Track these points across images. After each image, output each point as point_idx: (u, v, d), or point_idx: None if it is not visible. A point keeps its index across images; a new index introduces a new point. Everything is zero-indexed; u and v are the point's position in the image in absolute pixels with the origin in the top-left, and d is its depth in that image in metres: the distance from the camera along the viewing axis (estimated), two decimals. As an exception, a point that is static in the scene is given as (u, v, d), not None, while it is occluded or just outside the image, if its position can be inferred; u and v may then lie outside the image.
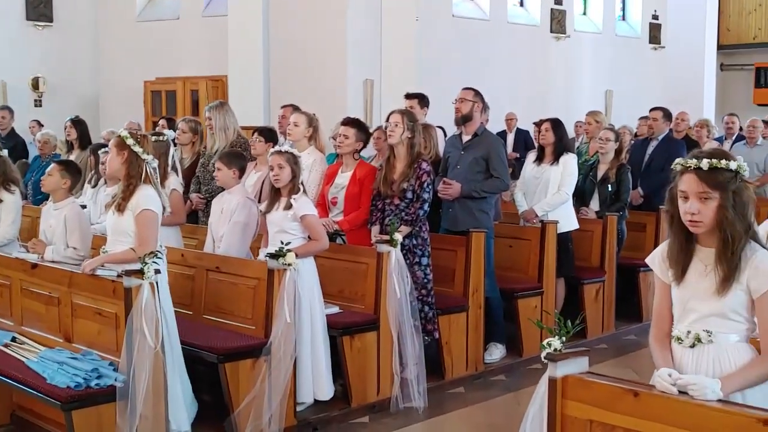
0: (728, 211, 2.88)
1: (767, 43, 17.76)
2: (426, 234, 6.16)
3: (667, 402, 2.81)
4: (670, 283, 3.07)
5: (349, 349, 5.62)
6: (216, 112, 7.31)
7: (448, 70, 11.99)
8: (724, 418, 2.70)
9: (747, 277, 2.90)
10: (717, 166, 2.90)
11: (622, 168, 7.78)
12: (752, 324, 2.99)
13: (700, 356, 2.97)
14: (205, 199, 7.09)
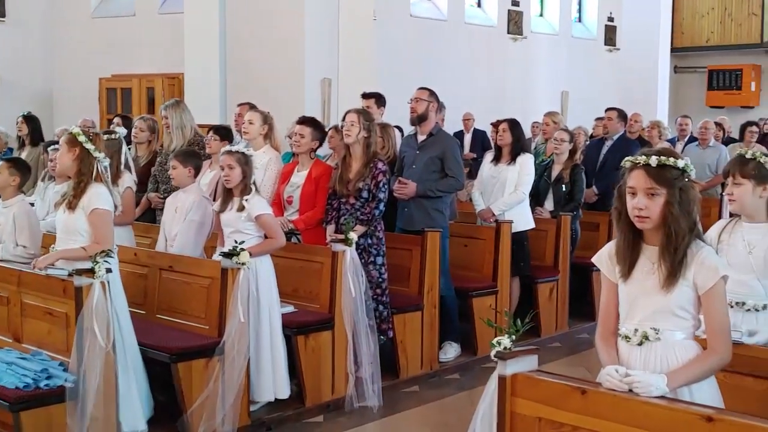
0: (674, 208, 2.93)
1: (720, 46, 18.04)
2: (381, 233, 6.17)
3: (614, 399, 2.86)
4: (617, 281, 3.11)
5: (303, 349, 5.62)
6: (172, 111, 7.25)
7: (405, 70, 12.01)
8: (668, 414, 2.75)
9: (693, 273, 2.94)
10: (665, 163, 2.95)
11: (575, 168, 7.87)
12: (698, 321, 3.04)
13: (648, 354, 3.01)
14: (163, 198, 7.03)
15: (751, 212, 3.72)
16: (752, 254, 3.65)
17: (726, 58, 17.99)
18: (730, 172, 3.75)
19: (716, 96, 18.05)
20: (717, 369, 3.02)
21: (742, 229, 3.73)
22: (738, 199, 3.71)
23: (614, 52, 16.60)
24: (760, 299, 3.64)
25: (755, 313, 3.64)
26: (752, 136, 10.61)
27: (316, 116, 7.01)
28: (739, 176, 3.69)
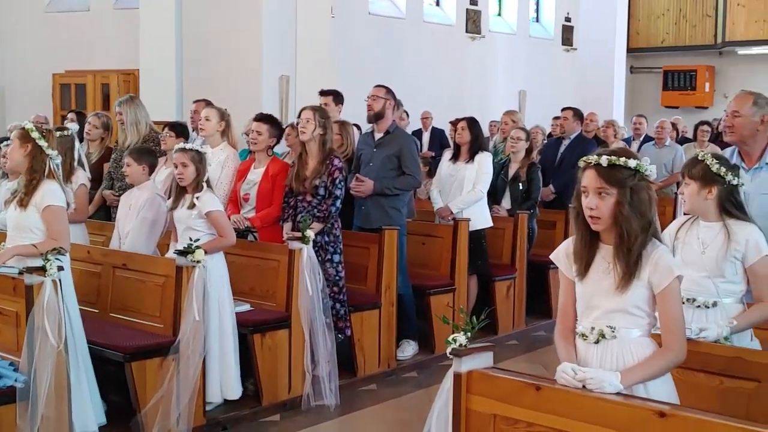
0: (624, 208, 2.94)
1: (675, 46, 18.28)
2: (338, 231, 6.15)
3: (568, 396, 2.87)
4: (574, 279, 3.12)
5: (260, 347, 5.58)
6: (127, 107, 7.17)
7: (363, 68, 11.99)
8: (622, 410, 2.77)
9: (648, 273, 2.96)
10: (615, 163, 2.97)
11: (532, 167, 7.92)
12: (654, 318, 3.06)
13: (604, 352, 3.03)
14: (118, 195, 6.93)
15: (701, 212, 3.76)
16: (705, 253, 3.69)
17: (681, 58, 18.24)
18: (683, 173, 3.80)
19: (671, 96, 18.29)
20: (672, 367, 3.05)
21: (699, 227, 3.78)
22: (687, 199, 3.76)
23: (571, 52, 16.75)
24: (711, 297, 3.68)
25: (705, 310, 3.68)
26: (704, 135, 10.77)
27: (273, 114, 6.96)
28: (687, 177, 3.74)
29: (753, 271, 3.68)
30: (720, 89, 17.60)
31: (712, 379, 3.45)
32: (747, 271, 3.70)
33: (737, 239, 3.66)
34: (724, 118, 4.61)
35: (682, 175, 3.80)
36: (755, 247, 3.66)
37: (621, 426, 2.74)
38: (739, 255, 3.67)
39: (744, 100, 4.47)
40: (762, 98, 4.49)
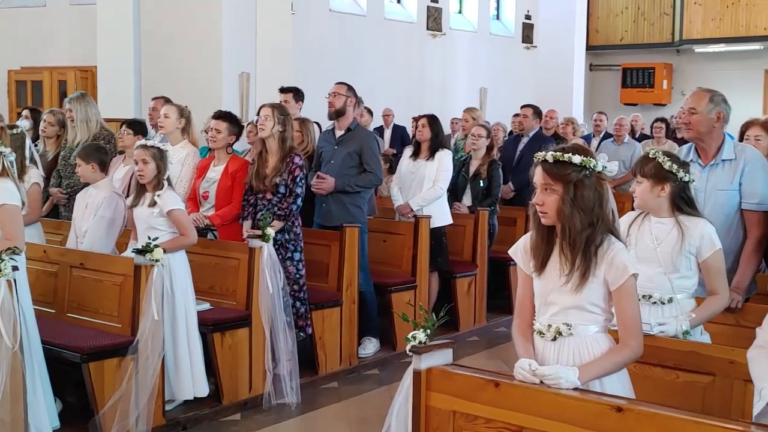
0: (566, 205, 2.96)
1: (633, 44, 18.46)
2: (299, 229, 6.13)
3: (526, 391, 2.88)
4: (532, 274, 3.14)
5: (220, 346, 5.54)
6: (77, 104, 7.06)
7: (324, 65, 11.97)
8: (579, 405, 2.79)
9: (603, 270, 2.98)
10: (560, 159, 2.98)
11: (493, 164, 7.96)
12: (610, 315, 3.08)
13: (561, 349, 3.04)
14: (66, 194, 6.85)
15: (653, 209, 3.79)
16: (659, 249, 3.73)
17: (639, 56, 18.43)
18: (634, 170, 3.82)
19: (630, 93, 18.47)
20: (629, 362, 3.07)
21: (650, 223, 3.81)
22: (639, 197, 3.78)
23: (531, 49, 16.85)
24: (667, 293, 3.72)
25: (661, 306, 3.71)
26: (659, 132, 10.90)
27: (234, 111, 6.92)
28: (639, 175, 3.77)
29: (707, 265, 3.73)
30: (678, 86, 17.82)
31: (668, 373, 3.49)
32: (701, 265, 3.74)
33: (691, 234, 3.70)
34: (681, 115, 4.65)
35: (634, 173, 3.82)
36: (709, 241, 3.71)
37: (579, 421, 2.76)
38: (693, 250, 3.71)
39: (700, 98, 4.52)
40: (718, 95, 4.54)
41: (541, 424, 2.83)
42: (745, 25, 16.79)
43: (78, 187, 6.31)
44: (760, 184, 4.44)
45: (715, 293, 3.76)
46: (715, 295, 3.76)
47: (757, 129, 5.29)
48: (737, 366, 3.27)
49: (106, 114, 8.89)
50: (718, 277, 3.75)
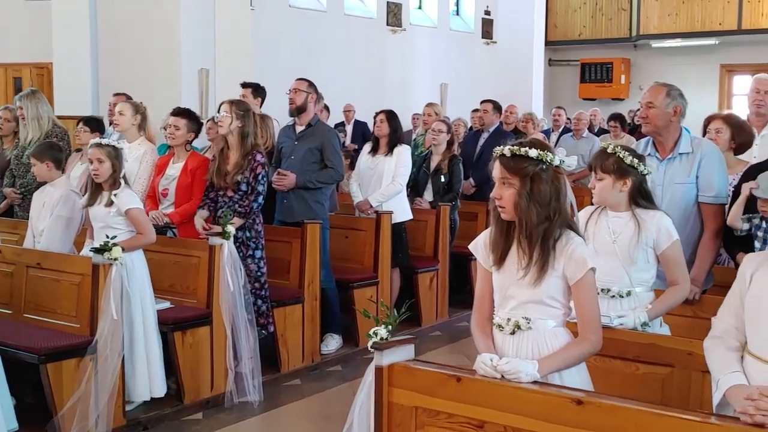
0: (522, 199, 2.98)
1: (591, 40, 18.60)
2: (260, 226, 6.09)
3: (488, 386, 2.89)
4: (491, 269, 3.14)
5: (181, 345, 5.49)
6: (27, 101, 6.96)
7: (284, 61, 11.90)
8: (540, 399, 2.80)
9: (562, 265, 3.00)
10: (517, 153, 2.99)
11: (453, 159, 7.98)
12: (569, 309, 3.10)
13: (521, 342, 3.05)
14: (20, 193, 6.75)
15: (613, 204, 3.81)
16: (617, 242, 3.76)
17: (597, 51, 18.57)
18: (593, 166, 3.81)
19: (588, 88, 18.62)
20: (588, 356, 3.09)
21: (607, 217, 3.83)
22: (599, 193, 3.79)
23: (491, 45, 16.91)
24: (625, 286, 3.75)
25: (620, 300, 3.74)
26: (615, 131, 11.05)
27: (193, 108, 6.86)
28: (600, 171, 3.76)
29: (665, 257, 3.76)
30: (635, 81, 17.99)
31: (628, 365, 3.52)
32: (659, 257, 3.77)
33: (648, 227, 3.73)
34: (639, 109, 4.69)
35: (594, 168, 3.79)
36: (666, 233, 3.75)
37: (539, 414, 2.77)
38: (650, 243, 3.74)
39: (657, 92, 4.56)
40: (674, 90, 4.59)
41: (503, 418, 2.84)
42: (700, 21, 17.01)
43: (32, 187, 6.22)
44: (716, 177, 4.49)
45: (676, 283, 3.80)
46: (676, 285, 3.80)
47: (719, 122, 5.36)
48: (695, 357, 3.30)
49: (63, 111, 8.80)
50: (678, 268, 3.79)
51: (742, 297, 2.79)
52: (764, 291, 2.71)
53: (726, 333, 2.81)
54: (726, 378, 2.70)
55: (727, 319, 2.83)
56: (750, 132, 5.45)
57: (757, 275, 2.76)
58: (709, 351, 2.85)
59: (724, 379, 2.71)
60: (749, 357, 2.74)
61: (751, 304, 2.74)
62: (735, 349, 2.78)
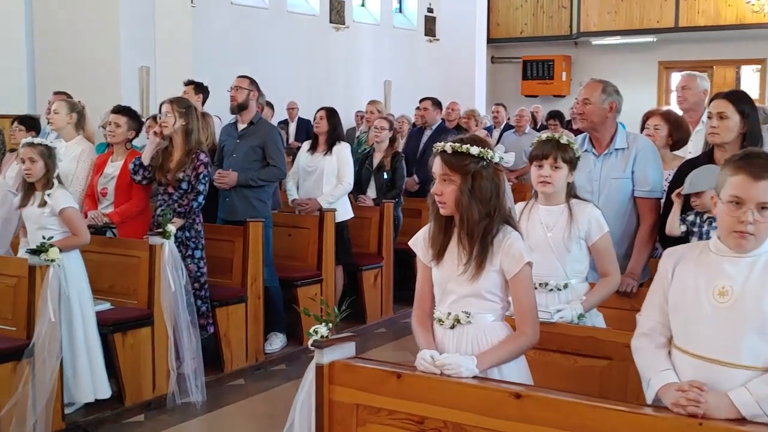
0: (464, 195, 3.00)
1: (533, 37, 18.78)
2: (199, 226, 6.03)
3: (428, 382, 2.91)
4: (430, 264, 3.16)
5: (121, 347, 5.42)
6: None
7: (226, 58, 11.79)
8: (480, 393, 2.83)
9: (500, 260, 3.02)
10: (458, 150, 3.01)
11: (396, 156, 8.00)
12: (507, 303, 3.13)
13: (460, 337, 3.07)
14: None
15: (558, 196, 3.83)
16: (550, 235, 3.80)
17: (539, 49, 18.76)
18: (550, 155, 3.75)
19: (530, 85, 18.79)
20: (525, 350, 3.13)
21: (539, 211, 3.87)
22: (555, 183, 3.77)
23: (434, 42, 16.98)
24: (561, 279, 3.80)
25: (557, 293, 3.78)
26: (554, 128, 11.21)
27: (134, 106, 6.77)
28: (560, 160, 3.76)
29: (596, 248, 3.82)
30: (576, 78, 18.21)
31: (567, 358, 3.56)
32: (591, 248, 3.82)
33: (580, 219, 3.77)
34: (576, 105, 4.75)
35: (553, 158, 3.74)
36: (597, 225, 3.80)
37: (479, 409, 2.79)
38: (582, 234, 3.79)
39: (593, 88, 4.62)
40: (610, 86, 4.65)
41: (443, 414, 2.85)
42: (639, 18, 17.28)
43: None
44: (651, 172, 4.57)
45: (607, 275, 3.86)
46: (607, 276, 3.86)
47: (657, 119, 5.45)
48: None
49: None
50: (608, 259, 3.85)
51: (665, 292, 2.82)
52: (687, 284, 2.75)
53: (652, 330, 2.85)
54: (657, 377, 2.74)
55: (653, 316, 2.87)
56: (687, 128, 5.57)
57: (678, 269, 2.80)
58: (638, 351, 2.89)
59: (655, 378, 2.75)
60: (676, 351, 2.79)
61: (675, 298, 2.79)
62: (663, 345, 2.83)
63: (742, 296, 2.64)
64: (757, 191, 2.61)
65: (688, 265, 2.79)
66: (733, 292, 2.65)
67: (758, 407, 2.55)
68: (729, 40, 16.45)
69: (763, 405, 2.55)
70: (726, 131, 4.19)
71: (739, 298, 2.64)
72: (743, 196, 2.62)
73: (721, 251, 2.72)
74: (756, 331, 2.61)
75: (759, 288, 2.63)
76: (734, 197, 2.64)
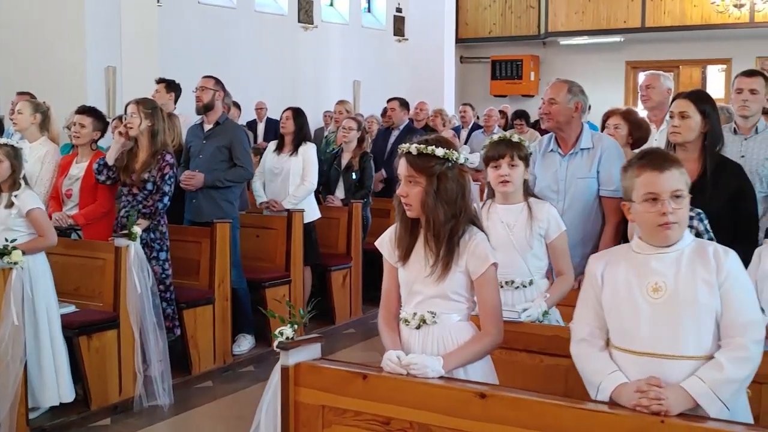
0: (429, 197, 3.01)
1: (501, 37, 18.85)
2: (164, 227, 5.99)
3: (394, 382, 2.91)
4: (397, 265, 3.16)
5: (87, 350, 5.37)
6: None
7: (194, 58, 11.71)
8: (445, 394, 2.83)
9: (465, 260, 3.04)
10: (423, 151, 3.02)
11: (364, 156, 7.99)
12: (473, 303, 3.14)
13: (426, 337, 3.08)
14: None
15: (516, 194, 3.87)
16: (512, 234, 3.82)
17: (507, 49, 18.83)
18: (506, 154, 3.78)
19: (499, 85, 18.86)
20: (490, 350, 3.14)
21: (497, 210, 3.90)
22: (514, 181, 3.81)
23: (403, 42, 16.98)
24: (526, 276, 3.83)
25: (523, 290, 3.81)
26: (520, 128, 11.28)
27: (100, 106, 6.71)
28: (517, 158, 3.80)
29: (553, 247, 3.87)
30: (545, 78, 18.27)
31: (533, 357, 3.58)
32: (548, 246, 3.88)
33: (539, 217, 3.83)
34: (542, 105, 4.77)
35: (510, 156, 3.78)
36: (556, 223, 3.86)
37: (445, 409, 2.80)
38: (542, 231, 3.84)
39: (559, 88, 4.65)
40: (576, 86, 4.69)
41: (409, 414, 2.86)
42: (606, 18, 17.40)
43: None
44: (616, 171, 4.55)
45: (562, 273, 3.90)
46: (562, 275, 3.90)
47: (617, 118, 5.50)
48: (598, 348, 3.37)
49: (-40, 111, 8.49)
50: (564, 258, 3.90)
51: (598, 297, 2.87)
52: (619, 286, 2.80)
53: (590, 335, 2.88)
54: (608, 379, 2.76)
55: (588, 321, 2.90)
56: (647, 127, 5.62)
57: (607, 273, 2.86)
58: (580, 357, 2.91)
59: (606, 380, 2.76)
60: (614, 350, 2.82)
61: (609, 300, 2.83)
62: (603, 348, 2.86)
63: (675, 290, 2.71)
64: (667, 181, 2.72)
65: (616, 268, 2.84)
66: (666, 287, 2.72)
67: (713, 394, 2.60)
68: (695, 40, 16.63)
69: (717, 391, 2.60)
70: (687, 131, 4.23)
71: (673, 292, 2.71)
72: (656, 190, 2.71)
73: (646, 250, 2.79)
74: (694, 321, 2.69)
75: (690, 279, 2.71)
76: (648, 194, 2.73)
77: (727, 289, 2.69)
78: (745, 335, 2.66)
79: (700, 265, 2.71)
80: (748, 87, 5.00)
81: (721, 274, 2.70)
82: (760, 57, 16.08)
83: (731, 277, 2.70)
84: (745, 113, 5.05)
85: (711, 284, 2.69)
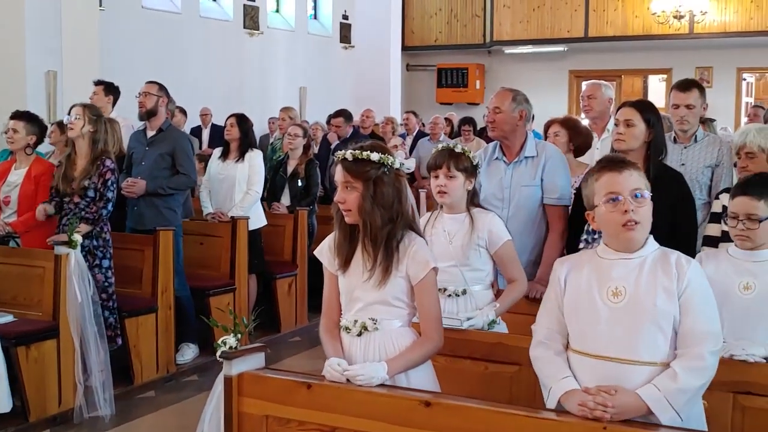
0: (366, 202, 3.02)
1: (447, 45, 18.93)
2: (107, 234, 5.89)
3: (338, 391, 2.90)
4: (336, 272, 3.16)
5: (25, 360, 5.24)
6: None
7: (137, 64, 11.56)
8: (390, 402, 2.83)
9: (405, 265, 3.04)
10: (359, 157, 3.03)
11: (310, 163, 7.96)
12: (413, 308, 3.15)
13: (368, 344, 3.08)
14: None
15: (457, 204, 3.88)
16: (452, 243, 3.84)
17: (453, 57, 18.92)
18: (443, 165, 3.81)
19: (445, 93, 18.93)
20: (431, 354, 3.15)
21: (443, 220, 3.91)
22: (451, 192, 3.83)
23: (349, 49, 16.99)
24: (460, 285, 3.83)
25: (456, 299, 3.82)
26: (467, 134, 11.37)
27: (41, 111, 6.58)
28: (454, 169, 3.81)
29: (499, 256, 3.88)
30: (490, 86, 18.41)
31: (477, 365, 3.60)
32: (494, 257, 3.88)
33: (480, 227, 3.83)
34: (487, 114, 4.80)
35: (446, 166, 3.80)
36: (498, 234, 3.86)
37: (389, 417, 2.80)
38: (483, 243, 3.84)
39: (504, 97, 4.69)
40: (520, 95, 4.73)
41: (353, 423, 2.85)
42: (550, 28, 17.60)
43: None
44: (560, 179, 4.66)
45: (513, 280, 3.92)
46: (513, 282, 3.91)
47: (556, 126, 5.58)
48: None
49: None
50: (513, 265, 3.91)
51: (559, 300, 2.90)
52: (581, 289, 2.84)
53: (549, 338, 2.91)
54: (558, 385, 2.79)
55: (548, 324, 2.93)
56: (587, 134, 5.70)
57: (570, 277, 2.90)
58: (537, 360, 2.93)
59: (556, 386, 2.79)
60: (572, 353, 2.85)
61: (570, 304, 2.87)
62: (560, 352, 2.88)
63: (635, 295, 2.74)
64: (626, 180, 2.77)
65: (579, 272, 2.88)
66: (626, 291, 2.75)
67: (666, 401, 2.63)
68: (636, 51, 16.90)
69: (670, 399, 2.63)
70: (632, 138, 4.29)
71: (633, 296, 2.74)
72: (617, 190, 2.76)
73: (610, 255, 2.83)
74: (651, 327, 2.71)
75: (650, 286, 2.74)
76: (609, 194, 2.77)
77: (687, 298, 2.72)
78: (703, 345, 2.68)
79: (661, 273, 2.74)
80: (683, 103, 5.12)
81: (682, 282, 2.73)
82: (699, 67, 16.40)
83: (692, 287, 2.73)
84: (683, 128, 5.16)
85: (671, 292, 2.72)
